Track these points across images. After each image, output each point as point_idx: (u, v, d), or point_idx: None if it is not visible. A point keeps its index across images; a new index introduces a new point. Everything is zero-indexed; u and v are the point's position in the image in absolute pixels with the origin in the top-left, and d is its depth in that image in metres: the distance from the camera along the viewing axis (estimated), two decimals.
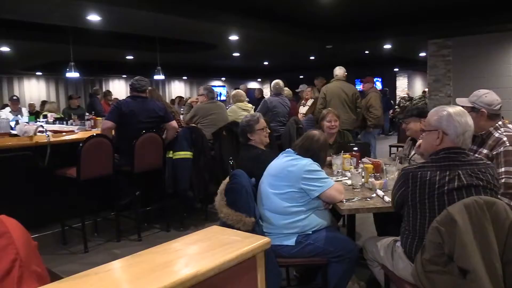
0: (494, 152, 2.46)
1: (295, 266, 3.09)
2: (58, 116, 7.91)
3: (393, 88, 17.94)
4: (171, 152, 4.48)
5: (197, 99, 5.70)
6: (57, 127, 5.89)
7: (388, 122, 14.58)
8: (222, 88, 20.62)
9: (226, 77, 21.00)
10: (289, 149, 2.72)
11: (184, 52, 11.22)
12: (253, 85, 21.54)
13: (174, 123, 4.52)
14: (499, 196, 2.21)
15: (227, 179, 2.58)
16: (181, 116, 6.00)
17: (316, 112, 6.04)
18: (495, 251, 1.75)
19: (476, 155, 2.52)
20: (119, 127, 4.19)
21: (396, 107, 14.80)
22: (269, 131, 3.42)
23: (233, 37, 8.81)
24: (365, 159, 3.47)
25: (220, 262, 1.04)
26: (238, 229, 2.23)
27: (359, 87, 9.76)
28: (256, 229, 2.38)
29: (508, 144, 2.42)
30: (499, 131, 2.53)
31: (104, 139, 3.93)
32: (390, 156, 6.77)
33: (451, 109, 2.06)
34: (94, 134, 3.95)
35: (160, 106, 4.47)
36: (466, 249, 1.73)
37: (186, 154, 4.48)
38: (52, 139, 4.04)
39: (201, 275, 0.99)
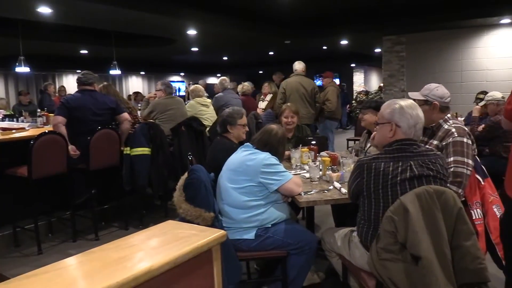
0: (444, 143, 2.57)
1: (256, 260, 3.11)
2: (8, 113, 7.57)
3: (350, 83, 18.37)
4: (128, 148, 4.39)
5: (155, 94, 5.61)
6: (6, 124, 5.63)
7: (346, 117, 14.92)
8: (181, 83, 20.37)
9: (185, 72, 20.74)
10: (248, 143, 2.73)
11: (141, 47, 10.98)
12: (212, 80, 21.41)
13: (126, 115, 4.46)
14: (448, 185, 2.31)
15: (186, 174, 2.55)
16: (139, 112, 5.89)
17: (276, 107, 6.09)
18: (444, 238, 1.83)
19: (427, 146, 2.62)
20: (70, 123, 4.06)
21: (353, 101, 15.15)
22: (247, 129, 3.40)
23: (192, 32, 8.71)
24: (323, 153, 3.53)
25: (174, 256, 1.03)
26: (198, 224, 2.21)
27: (319, 82, 9.93)
28: (215, 224, 2.37)
29: (456, 135, 2.53)
30: (448, 123, 2.65)
31: (57, 136, 3.80)
32: (347, 149, 6.93)
33: (403, 102, 2.13)
34: (46, 131, 3.80)
35: (111, 99, 4.40)
36: (417, 237, 1.79)
37: (144, 150, 4.40)
38: (1, 137, 3.86)
39: (155, 270, 0.97)
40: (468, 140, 2.54)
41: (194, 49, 12.05)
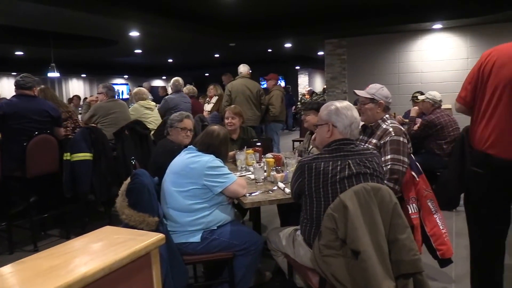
0: (382, 142, 2.69)
1: (203, 263, 3.09)
2: None
3: (295, 85, 18.75)
4: (68, 154, 4.22)
5: (96, 97, 5.44)
6: None
7: (292, 118, 15.19)
8: (124, 86, 19.84)
9: (129, 74, 20.22)
10: (191, 146, 2.72)
11: (82, 48, 10.58)
12: (157, 82, 21.04)
13: (61, 131, 4.31)
14: (385, 181, 2.43)
15: (129, 179, 2.50)
16: (79, 116, 5.68)
17: (222, 109, 6.10)
18: (381, 232, 1.92)
19: (367, 145, 2.74)
20: (5, 129, 3.84)
21: (299, 103, 15.47)
22: (190, 134, 3.35)
23: (134, 33, 8.53)
24: (268, 154, 3.58)
25: (110, 262, 1.01)
26: (142, 229, 2.18)
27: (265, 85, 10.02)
28: (160, 229, 2.34)
29: (393, 134, 2.66)
30: (386, 123, 2.78)
31: None
32: (293, 150, 7.06)
33: (339, 104, 2.23)
34: None
35: (53, 106, 4.21)
36: (356, 232, 1.87)
37: (86, 155, 4.24)
38: None
39: (89, 277, 0.95)
40: (404, 139, 2.68)
41: (138, 51, 11.79)
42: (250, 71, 6.41)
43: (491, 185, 2.29)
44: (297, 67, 18.57)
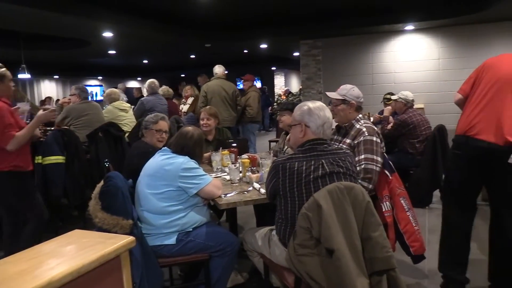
0: (356, 141, 2.73)
1: (178, 265, 3.07)
2: None
3: (272, 86, 18.82)
4: (40, 157, 4.12)
5: (69, 99, 5.33)
6: None
7: (268, 119, 15.26)
8: (98, 87, 19.51)
9: (103, 76, 19.90)
10: (165, 147, 2.69)
11: (54, 49, 10.34)
12: (132, 84, 20.78)
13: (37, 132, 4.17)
14: (359, 181, 2.47)
15: (102, 182, 2.46)
16: None
17: (197, 110, 6.07)
18: (355, 230, 1.94)
19: (341, 145, 2.77)
20: None
21: (275, 104, 15.53)
22: (165, 136, 3.32)
23: (107, 34, 8.39)
24: (244, 155, 3.59)
25: (78, 266, 0.99)
26: (115, 233, 2.15)
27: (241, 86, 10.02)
28: (134, 232, 2.31)
29: (367, 134, 2.71)
30: (360, 123, 2.83)
31: None
32: (269, 150, 7.08)
33: (311, 104, 2.26)
34: None
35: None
36: (330, 231, 1.89)
37: (58, 158, 4.16)
38: None
39: (56, 282, 0.93)
40: (377, 139, 2.73)
41: (112, 51, 11.61)
42: (226, 72, 6.41)
43: (467, 166, 2.67)
44: (273, 68, 18.64)
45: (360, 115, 2.89)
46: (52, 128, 4.74)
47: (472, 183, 2.75)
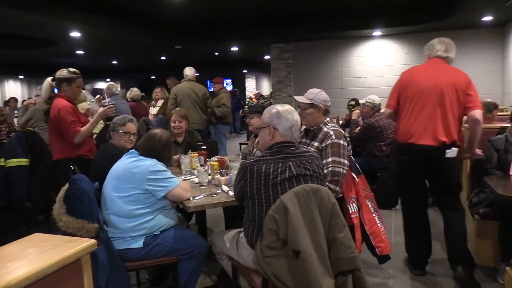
0: (323, 145, 2.78)
1: (146, 269, 3.04)
2: None
3: (243, 88, 18.86)
4: (2, 160, 3.99)
5: (34, 100, 5.20)
6: None
7: (239, 121, 15.26)
8: None
9: None
10: (132, 150, 2.66)
11: (18, 48, 10.04)
12: (102, 85, 20.38)
13: None
14: (326, 183, 2.51)
15: (67, 185, 2.41)
16: (15, 120, 5.40)
17: (167, 113, 6.01)
18: (321, 231, 1.98)
19: (310, 148, 2.81)
20: None
21: (246, 107, 15.56)
22: (133, 138, 3.26)
23: (75, 34, 8.22)
24: (214, 158, 3.58)
25: (37, 270, 0.97)
26: (81, 236, 2.11)
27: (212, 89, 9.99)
28: (100, 235, 2.28)
29: (334, 138, 2.75)
30: (327, 126, 2.87)
31: None
32: (239, 153, 7.09)
33: (280, 107, 2.28)
34: None
35: None
36: (297, 232, 1.92)
37: (21, 161, 4.03)
38: None
39: (14, 286, 0.91)
40: (344, 142, 2.78)
41: (80, 52, 11.38)
42: (197, 74, 6.37)
43: (415, 167, 3.13)
44: (245, 71, 18.68)
45: (328, 119, 2.94)
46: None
47: (420, 179, 3.24)
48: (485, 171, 3.24)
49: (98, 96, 5.80)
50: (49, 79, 3.57)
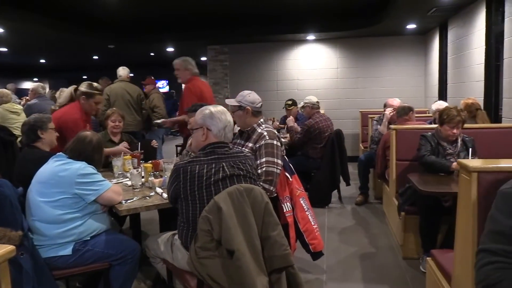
0: (257, 145, 2.82)
1: (76, 276, 2.91)
2: None
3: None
4: None
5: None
6: None
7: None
8: None
9: None
10: (60, 153, 2.54)
11: None
12: (27, 85, 19.18)
13: None
14: (261, 183, 2.55)
15: None
16: None
17: (100, 114, 5.78)
18: (254, 230, 2.01)
19: (244, 148, 2.84)
20: None
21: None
22: (58, 134, 3.11)
23: None
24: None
25: None
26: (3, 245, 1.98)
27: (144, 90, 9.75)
28: (25, 243, 2.15)
29: (268, 138, 2.81)
30: (261, 127, 2.92)
31: None
32: (176, 155, 7.00)
33: (213, 108, 2.30)
34: None
35: None
36: (230, 232, 1.93)
37: None
38: None
39: None
40: (278, 143, 2.84)
41: (2, 49, 10.64)
42: (131, 75, 6.20)
43: None
44: None
45: (262, 120, 2.99)
46: None
47: None
48: (422, 157, 3.47)
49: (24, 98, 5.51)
50: (72, 88, 3.76)
